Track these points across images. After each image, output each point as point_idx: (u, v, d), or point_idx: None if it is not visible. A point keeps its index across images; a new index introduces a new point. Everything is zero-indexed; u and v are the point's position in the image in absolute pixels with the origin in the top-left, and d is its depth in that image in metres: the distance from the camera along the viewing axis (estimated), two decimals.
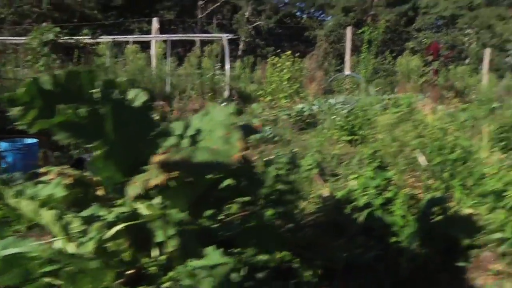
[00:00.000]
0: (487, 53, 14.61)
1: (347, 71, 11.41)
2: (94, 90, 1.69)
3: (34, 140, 3.99)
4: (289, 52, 9.17)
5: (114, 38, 10.23)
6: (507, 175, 2.84)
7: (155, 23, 11.21)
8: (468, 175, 2.87)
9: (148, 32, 12.73)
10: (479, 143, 4.00)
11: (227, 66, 9.28)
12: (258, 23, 24.49)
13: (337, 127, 5.00)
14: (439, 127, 2.95)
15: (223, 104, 7.96)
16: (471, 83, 13.52)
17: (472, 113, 6.92)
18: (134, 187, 1.39)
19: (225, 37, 9.60)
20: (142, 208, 1.69)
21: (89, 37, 9.30)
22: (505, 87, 11.38)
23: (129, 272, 1.80)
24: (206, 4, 25.29)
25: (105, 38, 9.70)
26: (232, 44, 22.61)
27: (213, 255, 1.53)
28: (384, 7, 25.12)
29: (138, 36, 12.75)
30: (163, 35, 10.66)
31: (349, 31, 11.84)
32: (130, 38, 10.62)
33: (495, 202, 2.69)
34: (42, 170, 1.86)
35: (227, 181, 1.80)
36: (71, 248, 1.68)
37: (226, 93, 8.85)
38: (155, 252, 1.77)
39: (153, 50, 10.59)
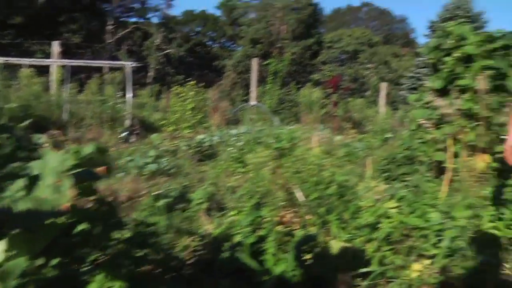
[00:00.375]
0: (384, 86, 15.69)
1: (253, 102, 11.64)
2: None
3: None
4: (193, 82, 9.16)
5: (7, 60, 9.59)
6: (381, 207, 3.00)
7: (55, 47, 10.71)
8: (344, 209, 2.98)
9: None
10: (362, 175, 4.20)
11: (130, 95, 9.04)
12: (168, 51, 24.37)
13: (233, 158, 5.01)
14: (316, 163, 3.05)
15: (123, 134, 7.71)
16: (369, 114, 14.43)
17: (367, 143, 7.33)
18: None
19: (128, 65, 9.38)
20: None
21: None
22: (399, 118, 12.28)
23: None
24: (116, 29, 24.79)
25: None
26: (141, 71, 22.22)
27: None
28: (290, 41, 26.30)
29: (34, 59, 12.03)
30: (63, 60, 10.19)
31: (254, 62, 12.14)
32: (25, 61, 10.01)
33: (369, 234, 2.81)
34: None
35: (82, 226, 1.70)
36: None
37: (127, 122, 8.59)
38: None
39: (53, 75, 10.08)
